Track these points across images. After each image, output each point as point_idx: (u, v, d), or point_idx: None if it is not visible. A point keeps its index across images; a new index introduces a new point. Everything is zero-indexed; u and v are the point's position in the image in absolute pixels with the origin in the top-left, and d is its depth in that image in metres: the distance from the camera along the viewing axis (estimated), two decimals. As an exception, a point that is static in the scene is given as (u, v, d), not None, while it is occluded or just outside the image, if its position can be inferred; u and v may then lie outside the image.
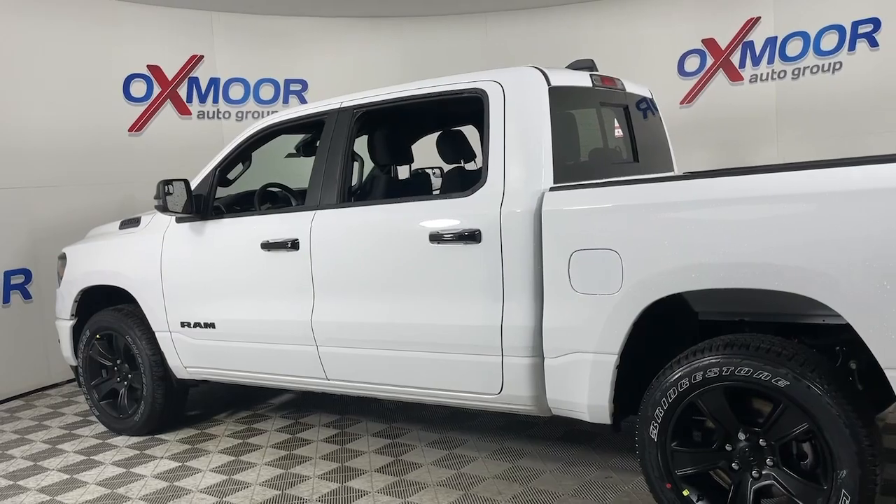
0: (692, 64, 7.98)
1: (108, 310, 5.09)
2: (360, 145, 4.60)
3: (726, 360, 2.86)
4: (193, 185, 4.55)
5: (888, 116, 6.73)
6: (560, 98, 3.61)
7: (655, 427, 3.05)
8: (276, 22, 8.08)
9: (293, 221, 4.10)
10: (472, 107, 3.68)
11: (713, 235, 2.90)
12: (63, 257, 5.38)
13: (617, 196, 3.17)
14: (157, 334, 4.81)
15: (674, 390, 2.99)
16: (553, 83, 3.57)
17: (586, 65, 4.13)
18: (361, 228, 3.90)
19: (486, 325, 3.48)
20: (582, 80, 3.91)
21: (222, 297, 4.44)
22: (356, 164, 4.33)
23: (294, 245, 4.06)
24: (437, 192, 4.87)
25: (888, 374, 2.60)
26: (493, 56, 8.18)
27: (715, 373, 2.89)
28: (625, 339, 3.13)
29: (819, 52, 7.22)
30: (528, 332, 3.38)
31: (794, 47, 7.39)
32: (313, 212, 4.05)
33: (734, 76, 7.76)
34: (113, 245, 5.07)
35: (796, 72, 7.38)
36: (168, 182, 4.30)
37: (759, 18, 7.57)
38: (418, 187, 4.63)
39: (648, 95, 4.63)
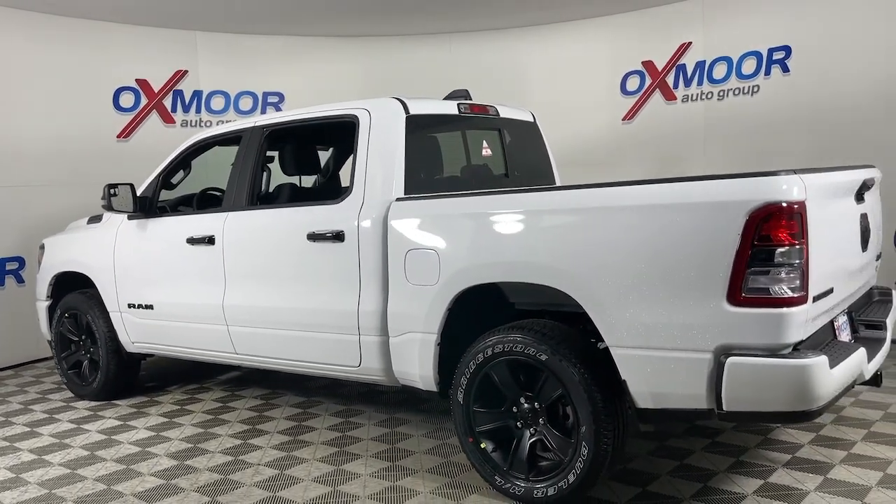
0: (633, 83, 8.65)
1: (75, 293, 5.97)
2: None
3: (508, 338, 3.60)
4: (141, 188, 5.41)
5: (797, 136, 7.32)
6: (419, 124, 4.35)
7: (461, 392, 3.79)
8: (256, 40, 8.94)
9: (211, 221, 4.92)
10: (349, 129, 4.44)
11: (497, 239, 3.64)
12: (42, 247, 6.29)
13: (434, 207, 3.92)
14: (110, 314, 5.68)
15: (473, 362, 3.72)
16: (412, 112, 4.31)
17: (461, 94, 4.88)
18: (259, 228, 4.71)
19: (347, 309, 4.25)
20: (447, 108, 4.65)
21: (158, 283, 5.28)
22: (265, 174, 5.12)
23: (210, 241, 4.88)
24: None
25: (612, 350, 3.31)
26: (457, 73, 8.91)
27: (500, 349, 3.62)
28: (442, 321, 3.86)
29: (740, 76, 7.84)
30: (377, 316, 4.14)
31: (719, 71, 8.02)
32: (227, 213, 4.87)
33: (669, 96, 8.41)
34: (79, 237, 5.96)
35: (721, 93, 8.01)
36: (113, 185, 5.16)
37: (690, 43, 8.22)
38: (320, 194, 5.39)
39: (529, 119, 5.34)
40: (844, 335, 3.68)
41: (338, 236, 4.25)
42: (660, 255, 3.14)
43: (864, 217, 3.71)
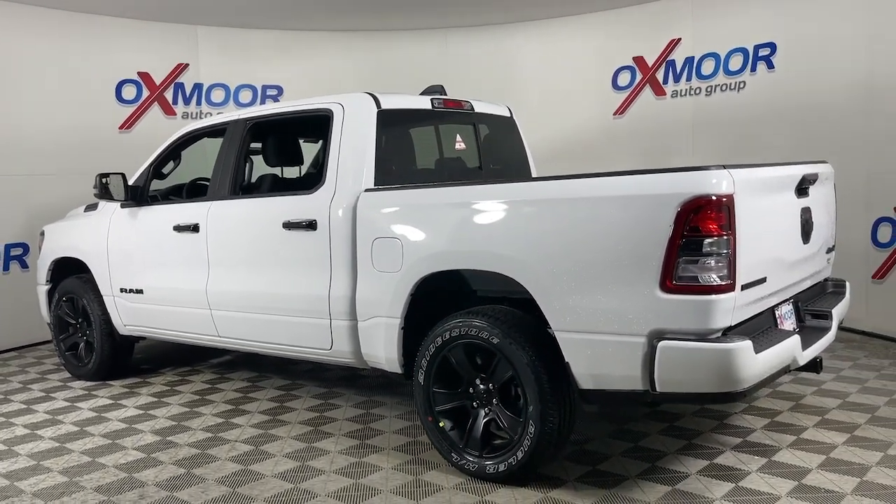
0: (624, 79, 8.79)
1: (72, 277, 6.24)
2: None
3: (463, 323, 3.79)
4: (133, 178, 5.65)
5: (782, 131, 7.43)
6: (390, 118, 4.54)
7: (422, 373, 3.99)
8: (255, 34, 9.16)
9: (196, 209, 5.15)
10: (325, 122, 4.64)
11: (452, 229, 3.83)
12: (42, 233, 6.56)
13: (398, 198, 4.13)
14: (104, 298, 5.94)
15: (433, 346, 3.93)
16: (383, 106, 4.51)
17: (436, 90, 5.07)
18: (240, 216, 4.93)
19: (319, 294, 4.46)
20: (421, 103, 4.84)
21: (147, 269, 5.52)
22: (248, 165, 5.33)
23: (195, 228, 5.11)
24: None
25: (556, 334, 3.50)
26: (451, 67, 9.12)
27: (457, 332, 3.82)
28: (405, 306, 4.06)
29: (727, 72, 7.95)
30: (347, 301, 4.34)
31: (707, 67, 8.14)
32: (210, 202, 5.09)
33: (659, 91, 8.54)
34: (76, 225, 6.22)
35: (709, 89, 8.13)
36: (105, 175, 5.40)
37: (679, 39, 8.34)
38: (296, 184, 5.58)
39: (505, 114, 5.51)
40: (788, 324, 3.85)
41: (311, 225, 4.45)
42: (600, 245, 3.33)
43: (805, 211, 3.86)
